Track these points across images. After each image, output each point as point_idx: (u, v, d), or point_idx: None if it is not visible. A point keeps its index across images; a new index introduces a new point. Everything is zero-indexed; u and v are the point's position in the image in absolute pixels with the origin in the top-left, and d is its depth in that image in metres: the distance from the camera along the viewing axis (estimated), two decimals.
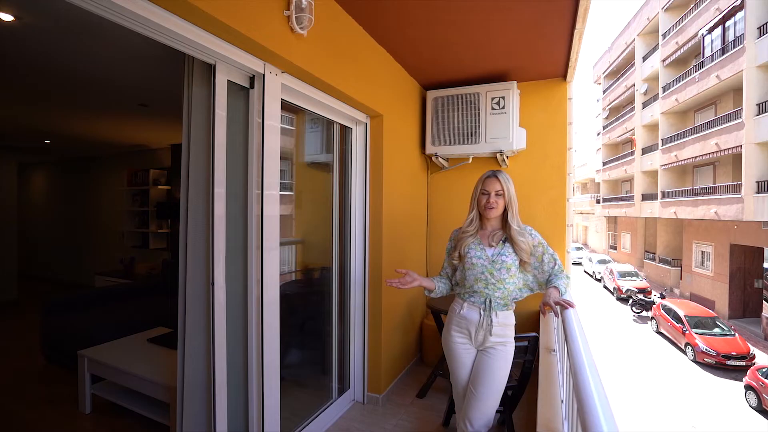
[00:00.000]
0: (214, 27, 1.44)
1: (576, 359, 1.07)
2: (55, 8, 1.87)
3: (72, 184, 7.27)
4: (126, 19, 1.26)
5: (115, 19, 1.26)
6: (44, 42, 2.29)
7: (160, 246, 5.81)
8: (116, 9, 1.21)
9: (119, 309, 3.86)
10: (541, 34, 2.46)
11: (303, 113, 2.43)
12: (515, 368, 1.88)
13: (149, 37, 1.37)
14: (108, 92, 3.28)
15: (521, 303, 1.84)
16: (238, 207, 1.79)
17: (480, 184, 1.74)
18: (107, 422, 2.56)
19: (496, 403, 1.66)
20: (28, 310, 5.07)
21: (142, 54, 2.46)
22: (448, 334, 1.76)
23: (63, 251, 7.34)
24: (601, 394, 0.87)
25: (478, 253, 1.69)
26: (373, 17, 2.26)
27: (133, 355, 2.65)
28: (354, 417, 2.60)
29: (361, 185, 2.76)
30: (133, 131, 4.89)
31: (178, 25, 1.37)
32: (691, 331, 9.85)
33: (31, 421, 2.56)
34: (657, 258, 17.06)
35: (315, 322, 2.77)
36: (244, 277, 1.81)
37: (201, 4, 1.31)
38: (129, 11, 1.22)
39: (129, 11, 1.22)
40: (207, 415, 1.68)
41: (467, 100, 3.16)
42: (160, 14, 1.31)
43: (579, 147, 27.95)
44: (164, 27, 1.33)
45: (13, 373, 3.25)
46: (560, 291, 1.61)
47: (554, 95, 3.26)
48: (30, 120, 4.27)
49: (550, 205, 3.27)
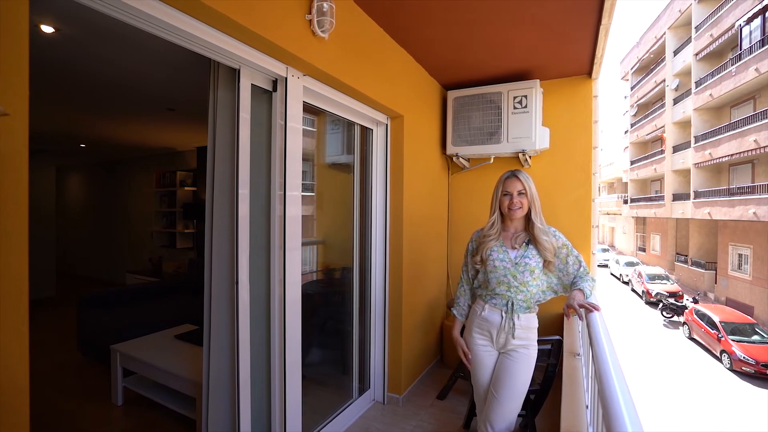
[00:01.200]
0: (238, 32, 1.48)
1: (601, 364, 1.04)
2: (92, 19, 1.97)
3: (104, 186, 7.61)
4: (156, 27, 1.32)
5: (147, 28, 1.31)
6: (81, 52, 2.41)
7: (187, 245, 6.00)
8: (148, 18, 1.26)
9: (148, 306, 4.01)
10: (565, 31, 2.40)
11: (324, 115, 2.47)
12: (538, 372, 1.84)
13: (177, 44, 1.42)
14: (138, 97, 3.42)
15: (544, 305, 1.80)
16: (262, 207, 1.83)
17: (500, 186, 1.71)
18: (138, 414, 2.66)
19: (518, 407, 1.63)
20: (66, 306, 5.32)
21: (170, 60, 2.55)
22: (469, 335, 1.75)
23: (96, 250, 7.69)
24: (628, 400, 0.84)
25: (501, 256, 1.66)
26: (393, 18, 2.26)
27: (161, 350, 2.75)
28: (374, 417, 2.61)
29: (382, 186, 2.77)
30: (161, 134, 5.07)
31: (205, 32, 1.42)
32: (727, 337, 9.37)
33: (69, 412, 2.69)
34: (689, 261, 16.33)
35: (336, 322, 2.80)
36: (267, 277, 1.85)
37: (226, 11, 1.35)
38: (159, 20, 1.28)
39: (159, 20, 1.28)
40: (231, 411, 1.73)
41: (489, 99, 3.12)
42: (187, 22, 1.35)
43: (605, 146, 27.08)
44: (191, 34, 1.38)
45: (52, 366, 3.43)
46: (585, 293, 1.57)
47: (579, 93, 3.18)
48: (67, 125, 4.50)
49: (575, 206, 3.18)
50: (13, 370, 0.86)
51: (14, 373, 0.87)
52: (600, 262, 20.38)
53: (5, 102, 0.76)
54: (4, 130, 0.82)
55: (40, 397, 2.87)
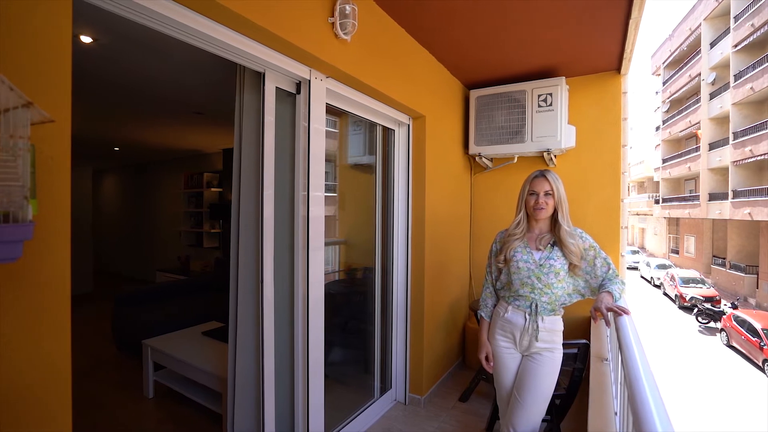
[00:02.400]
0: (264, 37, 1.52)
1: (632, 369, 1.01)
2: (126, 30, 2.07)
3: (136, 187, 7.95)
4: (187, 35, 1.37)
5: (178, 36, 1.36)
6: (116, 60, 2.53)
7: (213, 245, 6.18)
8: (179, 26, 1.31)
9: (177, 303, 4.15)
10: (593, 26, 2.33)
11: (346, 116, 2.49)
12: (563, 376, 1.80)
13: (206, 50, 1.47)
14: (168, 102, 3.56)
15: (571, 308, 1.76)
16: (286, 208, 1.87)
17: (527, 185, 1.68)
18: (167, 407, 2.77)
19: (542, 411, 1.60)
20: (102, 302, 5.59)
21: (199, 66, 2.64)
22: (492, 337, 1.72)
23: (129, 248, 8.03)
24: (660, 407, 0.81)
25: (525, 257, 1.63)
26: (415, 19, 2.26)
27: (189, 346, 2.84)
28: (395, 417, 2.61)
29: (404, 186, 2.77)
30: (188, 137, 5.25)
31: (232, 37, 1.46)
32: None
33: (105, 403, 2.83)
34: (727, 264, 15.51)
35: (358, 322, 2.82)
36: (291, 276, 1.89)
37: (253, 16, 1.38)
38: (190, 27, 1.32)
39: (190, 27, 1.32)
40: (256, 407, 1.77)
41: (512, 98, 3.07)
42: (216, 28, 1.40)
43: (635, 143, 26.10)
44: (219, 40, 1.42)
45: (89, 358, 3.61)
46: (614, 297, 1.52)
47: (607, 90, 3.08)
48: (103, 130, 4.73)
49: (603, 206, 3.09)
50: (57, 361, 0.92)
51: (58, 363, 0.92)
52: (629, 264, 19.65)
53: (50, 109, 0.81)
54: (49, 135, 0.87)
55: (78, 387, 3.02)
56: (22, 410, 0.86)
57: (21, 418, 0.86)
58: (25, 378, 0.86)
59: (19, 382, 0.86)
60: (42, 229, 0.87)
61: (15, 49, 0.84)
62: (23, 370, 0.86)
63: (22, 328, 0.86)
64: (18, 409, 0.86)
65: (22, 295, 0.86)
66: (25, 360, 0.86)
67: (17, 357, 0.85)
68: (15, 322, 0.85)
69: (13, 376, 0.85)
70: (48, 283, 0.90)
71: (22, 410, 0.86)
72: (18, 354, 0.85)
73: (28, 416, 0.87)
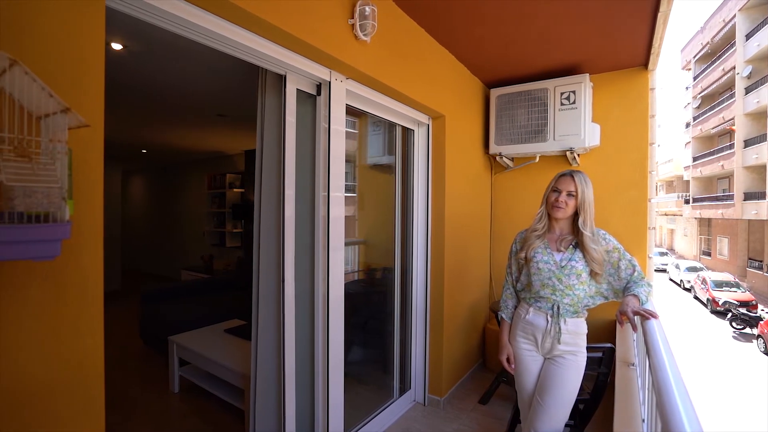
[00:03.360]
0: (285, 40, 1.55)
1: (660, 374, 0.98)
2: (154, 36, 2.14)
3: (161, 188, 8.21)
4: (212, 40, 1.41)
5: (203, 41, 1.40)
6: (144, 66, 2.62)
7: (235, 245, 6.32)
8: (204, 32, 1.35)
9: (200, 301, 4.27)
10: (619, 21, 2.27)
11: (366, 116, 2.50)
12: (588, 380, 1.76)
13: (229, 53, 1.51)
14: (193, 105, 3.66)
15: (595, 311, 1.72)
16: (306, 208, 1.90)
17: (553, 182, 1.64)
18: (192, 401, 2.85)
19: (565, 416, 1.56)
20: (129, 299, 5.80)
21: (222, 70, 2.71)
22: (513, 339, 1.70)
23: (155, 247, 8.31)
24: (691, 414, 0.78)
25: (545, 258, 1.60)
26: (435, 18, 2.25)
27: (213, 343, 2.92)
28: (414, 417, 2.61)
29: (423, 186, 2.76)
30: (212, 139, 5.39)
31: (254, 41, 1.49)
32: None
33: (133, 396, 2.94)
34: (765, 267, 14.74)
35: (377, 321, 2.83)
36: (312, 275, 1.91)
37: (275, 20, 1.41)
38: (215, 33, 1.36)
39: (215, 33, 1.36)
40: (277, 404, 1.80)
41: (534, 96, 3.02)
42: (239, 32, 1.43)
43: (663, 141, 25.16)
44: (241, 43, 1.46)
45: (118, 352, 3.75)
46: (640, 300, 1.47)
47: (633, 86, 2.98)
48: (131, 133, 4.91)
49: (629, 207, 2.99)
50: (92, 356, 0.96)
51: (93, 358, 0.96)
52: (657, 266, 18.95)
53: (85, 114, 0.85)
54: (83, 139, 0.92)
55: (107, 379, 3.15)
56: (60, 403, 0.91)
57: (59, 411, 0.91)
58: (62, 372, 0.91)
59: (57, 375, 0.90)
60: (77, 228, 0.91)
61: (53, 58, 0.88)
62: (61, 364, 0.91)
63: (61, 323, 0.90)
64: (56, 402, 0.90)
65: (60, 292, 0.90)
66: (62, 355, 0.91)
67: (56, 351, 0.90)
68: (54, 318, 0.89)
69: (51, 371, 0.89)
70: (83, 280, 0.94)
71: (61, 403, 0.91)
72: (57, 348, 0.90)
73: (64, 408, 0.92)
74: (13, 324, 0.83)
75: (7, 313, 0.82)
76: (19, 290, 0.84)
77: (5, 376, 0.82)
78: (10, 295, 0.83)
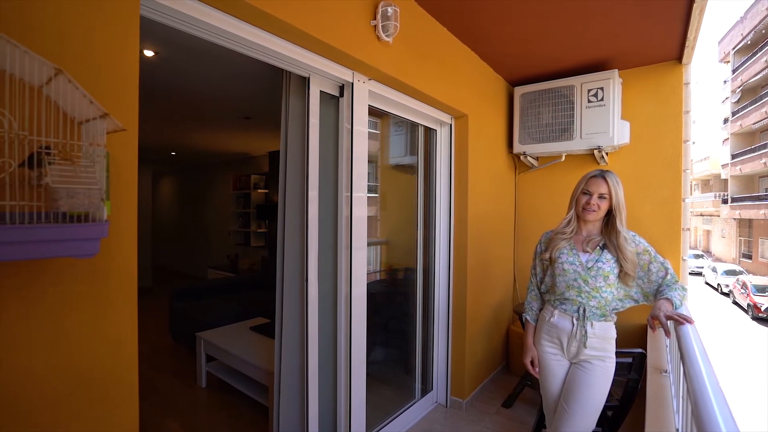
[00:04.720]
0: (308, 42, 1.57)
1: (696, 382, 0.93)
2: (184, 42, 2.22)
3: (189, 189, 8.49)
4: (238, 44, 1.45)
5: (230, 46, 1.44)
6: (174, 71, 2.72)
7: (259, 244, 6.45)
8: (231, 37, 1.39)
9: (226, 299, 4.38)
10: (651, 14, 2.18)
11: (388, 117, 2.51)
12: (617, 387, 1.70)
13: (255, 57, 1.55)
14: (219, 108, 3.77)
15: (625, 314, 1.66)
16: (330, 208, 1.92)
17: (582, 183, 1.59)
18: (218, 397, 2.93)
19: (592, 424, 1.51)
20: (160, 296, 6.02)
21: (248, 74, 2.77)
22: (538, 342, 1.66)
23: (183, 246, 8.59)
24: (730, 425, 0.74)
25: (571, 259, 1.56)
26: (458, 17, 2.23)
27: (239, 340, 2.99)
28: (436, 419, 2.59)
29: (446, 186, 2.74)
30: (237, 141, 5.53)
31: (278, 44, 1.52)
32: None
33: (162, 389, 3.05)
34: None
35: (399, 322, 2.83)
36: (334, 275, 1.93)
37: (298, 23, 1.44)
38: (241, 37, 1.40)
39: (241, 37, 1.40)
40: (300, 401, 1.83)
41: (560, 93, 2.94)
42: (264, 36, 1.47)
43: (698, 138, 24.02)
44: (266, 47, 1.49)
45: (148, 348, 3.90)
46: (674, 304, 1.41)
47: (666, 81, 2.86)
48: (161, 136, 5.10)
49: (661, 207, 2.87)
50: (126, 349, 1.01)
51: (127, 352, 1.01)
52: (692, 269, 18.10)
53: (122, 119, 0.89)
54: (120, 142, 0.96)
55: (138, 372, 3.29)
56: (97, 391, 0.96)
57: (94, 403, 0.95)
58: (99, 364, 0.96)
59: (95, 365, 0.95)
60: (114, 227, 0.95)
61: (92, 66, 0.93)
62: (98, 357, 0.95)
63: (98, 318, 0.95)
64: (94, 389, 0.95)
65: (98, 288, 0.95)
66: (100, 348, 0.96)
67: (94, 345, 0.95)
68: (93, 313, 0.94)
69: (90, 360, 0.94)
70: (119, 277, 0.99)
71: (98, 391, 0.96)
72: (96, 339, 0.95)
73: (100, 396, 0.97)
74: (62, 316, 0.89)
75: (57, 307, 0.88)
76: (67, 285, 0.90)
77: (58, 363, 0.88)
78: (60, 290, 0.89)
